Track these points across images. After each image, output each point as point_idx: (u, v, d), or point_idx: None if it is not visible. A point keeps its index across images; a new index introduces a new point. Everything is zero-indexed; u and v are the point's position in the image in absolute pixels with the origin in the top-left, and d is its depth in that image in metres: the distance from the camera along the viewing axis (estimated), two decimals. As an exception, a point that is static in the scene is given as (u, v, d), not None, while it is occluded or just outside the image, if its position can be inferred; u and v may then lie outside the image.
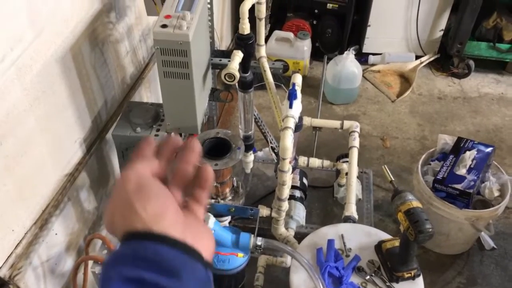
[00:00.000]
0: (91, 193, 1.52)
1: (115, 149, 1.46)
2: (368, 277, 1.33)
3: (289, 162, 1.35)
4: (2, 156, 1.07)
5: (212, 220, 1.30)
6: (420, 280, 1.35)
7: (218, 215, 1.41)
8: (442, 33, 2.96)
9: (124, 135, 1.40)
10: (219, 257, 1.37)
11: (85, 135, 1.42)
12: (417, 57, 3.03)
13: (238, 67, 1.37)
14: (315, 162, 1.89)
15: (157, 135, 1.39)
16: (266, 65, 1.58)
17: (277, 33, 2.74)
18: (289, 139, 1.25)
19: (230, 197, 1.53)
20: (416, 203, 1.25)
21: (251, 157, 1.78)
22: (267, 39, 2.66)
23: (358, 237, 1.43)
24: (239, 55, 1.40)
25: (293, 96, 1.32)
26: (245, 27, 1.38)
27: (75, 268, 1.29)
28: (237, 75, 1.35)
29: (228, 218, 1.54)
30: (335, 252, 1.38)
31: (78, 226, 1.46)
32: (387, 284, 1.32)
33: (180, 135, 1.51)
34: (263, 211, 1.53)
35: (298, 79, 1.40)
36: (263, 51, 1.60)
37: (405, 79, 2.99)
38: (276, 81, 1.57)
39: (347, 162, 1.81)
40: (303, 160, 1.87)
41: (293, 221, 1.72)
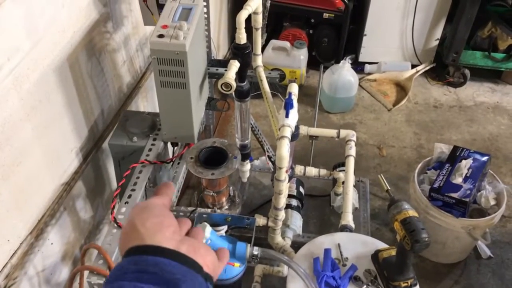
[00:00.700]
0: (87, 202, 1.51)
1: (112, 159, 1.46)
2: (364, 287, 1.33)
3: (286, 171, 1.35)
4: (-2, 165, 1.07)
5: (208, 229, 1.29)
6: (417, 289, 1.35)
7: (214, 225, 1.41)
8: (437, 42, 2.98)
9: (120, 144, 1.40)
10: (216, 267, 1.36)
11: (81, 144, 1.42)
12: (413, 66, 3.05)
13: (234, 77, 1.38)
14: (312, 171, 1.89)
15: (153, 145, 1.40)
16: (262, 74, 1.58)
17: (273, 42, 2.75)
18: (286, 148, 1.25)
19: (226, 206, 1.53)
20: (412, 212, 1.25)
21: (247, 166, 1.78)
22: (264, 48, 2.67)
23: (354, 246, 1.43)
24: (235, 65, 1.40)
25: (289, 105, 1.32)
26: (242, 37, 1.38)
27: (71, 278, 1.28)
28: (234, 84, 1.35)
29: (224, 227, 1.54)
30: (332, 261, 1.38)
31: (74, 235, 1.45)
32: (384, 293, 1.32)
33: (176, 144, 1.52)
34: (259, 220, 1.52)
35: (294, 89, 1.40)
36: (259, 61, 1.61)
37: (401, 88, 3.01)
38: (272, 90, 1.57)
39: (344, 171, 1.81)
40: (299, 169, 1.87)
41: (289, 230, 1.72)
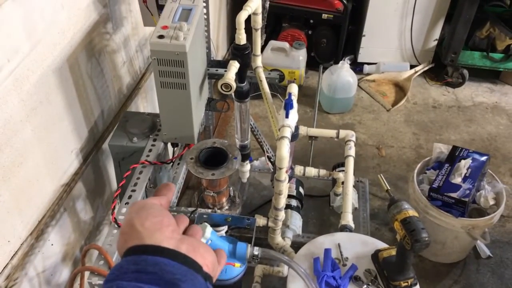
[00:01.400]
0: (87, 203, 1.51)
1: (112, 159, 1.46)
2: (365, 286, 1.33)
3: (286, 171, 1.35)
4: (-2, 166, 1.07)
5: (208, 229, 1.30)
6: (417, 289, 1.35)
7: (214, 225, 1.41)
8: (436, 43, 2.98)
9: (120, 145, 1.40)
10: (216, 267, 1.36)
11: (81, 145, 1.42)
12: (412, 67, 3.06)
13: (234, 77, 1.38)
14: (311, 171, 1.89)
15: (153, 146, 1.40)
16: (262, 75, 1.59)
17: (272, 43, 2.75)
18: (286, 149, 1.26)
19: (226, 207, 1.53)
20: (412, 212, 1.25)
21: (247, 166, 1.79)
22: (263, 49, 2.68)
23: (354, 246, 1.43)
24: (235, 65, 1.40)
25: (289, 105, 1.33)
26: (241, 38, 1.39)
27: (71, 279, 1.28)
28: (234, 85, 1.36)
29: (224, 227, 1.54)
30: (332, 261, 1.38)
31: (74, 236, 1.46)
32: (384, 293, 1.32)
33: (176, 145, 1.52)
34: (259, 220, 1.52)
35: (294, 89, 1.40)
36: (259, 61, 1.61)
37: (400, 88, 3.01)
38: (272, 90, 1.58)
39: (343, 171, 1.81)
40: (299, 169, 1.87)
41: (289, 231, 1.72)
